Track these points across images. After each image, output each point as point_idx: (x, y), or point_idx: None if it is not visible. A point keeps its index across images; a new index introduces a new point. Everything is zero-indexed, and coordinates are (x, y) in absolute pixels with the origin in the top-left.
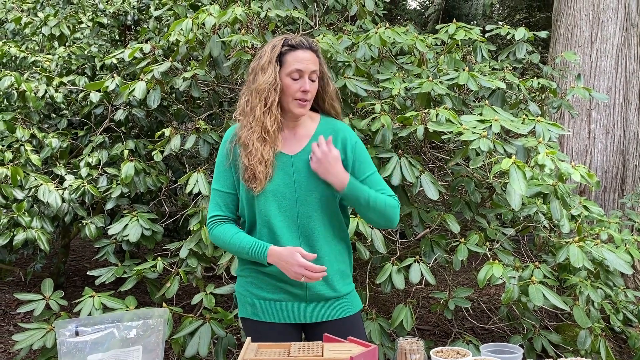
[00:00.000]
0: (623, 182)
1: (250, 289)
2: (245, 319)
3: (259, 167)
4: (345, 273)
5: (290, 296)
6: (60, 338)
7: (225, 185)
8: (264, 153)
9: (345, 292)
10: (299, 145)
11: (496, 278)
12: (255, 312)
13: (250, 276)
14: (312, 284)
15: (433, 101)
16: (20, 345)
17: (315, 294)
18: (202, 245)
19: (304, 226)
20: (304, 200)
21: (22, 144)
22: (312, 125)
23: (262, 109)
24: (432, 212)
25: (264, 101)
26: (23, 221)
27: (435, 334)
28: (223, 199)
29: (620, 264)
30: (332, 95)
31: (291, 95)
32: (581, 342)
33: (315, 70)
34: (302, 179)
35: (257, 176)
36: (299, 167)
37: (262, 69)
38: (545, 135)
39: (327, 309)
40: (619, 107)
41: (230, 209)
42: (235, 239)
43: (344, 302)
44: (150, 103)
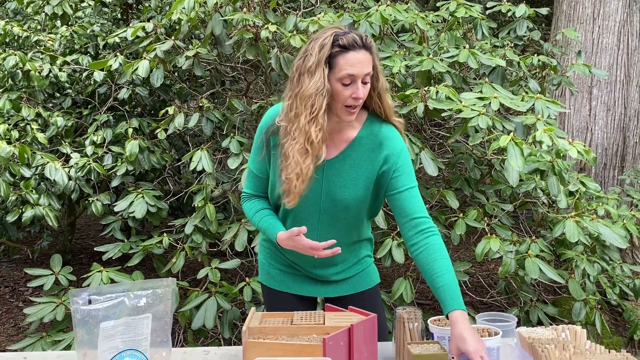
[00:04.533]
0: (623, 160)
1: (269, 259)
2: (263, 284)
3: (294, 182)
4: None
5: (303, 274)
6: (74, 306)
7: (258, 170)
8: (304, 167)
9: (357, 272)
10: (335, 149)
11: (493, 252)
12: (272, 280)
13: (269, 248)
14: (322, 273)
15: (433, 79)
16: (31, 318)
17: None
18: (207, 221)
19: (326, 232)
20: (328, 210)
21: (28, 122)
22: (355, 128)
23: (308, 118)
24: (432, 189)
25: (310, 109)
26: (31, 198)
27: (434, 308)
28: (254, 180)
29: (615, 238)
30: (381, 92)
31: (341, 102)
32: (576, 314)
33: (369, 72)
34: (330, 189)
35: (292, 191)
36: (329, 174)
37: (309, 71)
38: (544, 112)
39: (339, 286)
40: (620, 84)
41: (261, 190)
42: (256, 218)
43: (357, 279)
44: (153, 81)
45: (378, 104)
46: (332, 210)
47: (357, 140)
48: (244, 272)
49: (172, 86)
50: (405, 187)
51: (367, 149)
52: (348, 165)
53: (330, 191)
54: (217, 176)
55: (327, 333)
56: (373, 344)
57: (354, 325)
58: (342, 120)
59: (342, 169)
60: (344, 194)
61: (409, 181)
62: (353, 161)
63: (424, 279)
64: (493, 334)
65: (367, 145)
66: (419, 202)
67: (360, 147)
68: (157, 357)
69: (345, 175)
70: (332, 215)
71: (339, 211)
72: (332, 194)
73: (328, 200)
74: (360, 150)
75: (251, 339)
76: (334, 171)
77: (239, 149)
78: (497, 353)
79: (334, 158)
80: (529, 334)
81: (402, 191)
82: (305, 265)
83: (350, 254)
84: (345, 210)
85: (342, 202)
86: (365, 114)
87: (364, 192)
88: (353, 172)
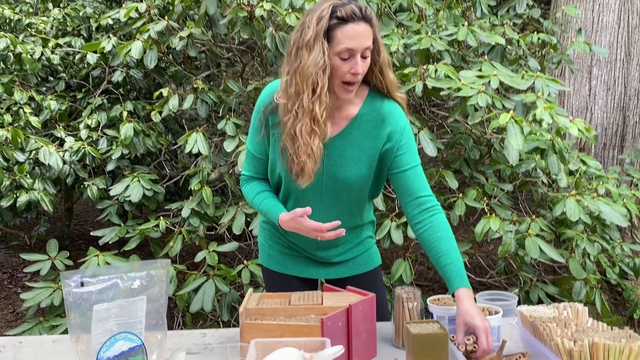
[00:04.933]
0: (623, 139)
1: (269, 241)
2: (263, 266)
3: (308, 163)
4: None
5: (304, 255)
6: (66, 289)
7: (257, 150)
8: (314, 147)
9: (358, 253)
10: (336, 127)
11: (493, 232)
12: (272, 262)
13: (269, 230)
14: (324, 255)
15: (432, 57)
16: (28, 303)
17: (328, 259)
18: (204, 204)
19: (327, 212)
20: (330, 189)
21: (21, 106)
22: (356, 105)
23: (311, 97)
24: (431, 169)
25: (312, 87)
26: (25, 183)
27: (433, 290)
28: (253, 162)
29: (615, 216)
30: (383, 66)
31: (339, 77)
32: (576, 293)
33: (369, 46)
34: (332, 169)
35: (306, 172)
36: (331, 154)
37: (307, 45)
38: (544, 90)
39: (340, 267)
40: (620, 63)
41: (261, 171)
42: (256, 200)
43: (358, 260)
44: (147, 63)
45: (380, 79)
46: (334, 190)
47: (358, 117)
48: (242, 255)
49: (167, 69)
50: (409, 165)
51: (369, 126)
52: (350, 144)
53: (332, 170)
54: (213, 159)
55: (325, 313)
56: (372, 324)
57: (352, 305)
58: (339, 98)
59: (343, 147)
60: (346, 172)
61: (413, 159)
62: (355, 139)
63: (428, 257)
64: (494, 313)
65: (369, 122)
66: (422, 181)
67: (362, 124)
68: (153, 340)
69: (347, 154)
70: (334, 195)
71: (341, 190)
72: (334, 173)
73: (330, 179)
74: (362, 127)
75: (248, 320)
76: (335, 150)
77: (235, 131)
78: (498, 332)
79: (335, 136)
80: (530, 313)
81: (407, 170)
82: (306, 247)
83: (352, 235)
84: (347, 189)
85: (344, 181)
86: (366, 89)
87: (367, 171)
88: (355, 151)
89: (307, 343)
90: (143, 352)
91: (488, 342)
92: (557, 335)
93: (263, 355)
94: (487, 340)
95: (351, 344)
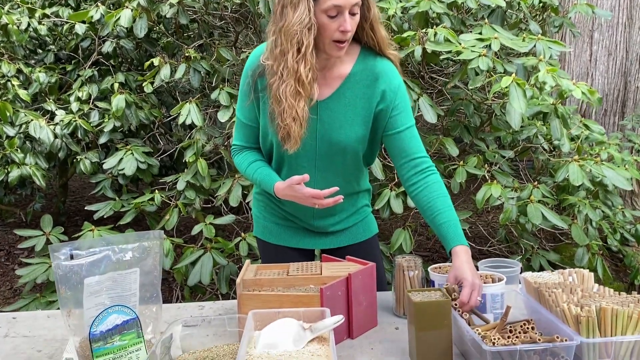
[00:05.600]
0: (624, 105)
1: (264, 213)
2: (259, 239)
3: (293, 127)
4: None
5: (299, 225)
6: (55, 262)
7: (247, 118)
8: (299, 110)
9: (355, 222)
10: (329, 89)
11: (494, 198)
12: (268, 234)
13: (263, 202)
14: (321, 223)
15: (431, 21)
16: (24, 280)
17: (322, 229)
18: (199, 177)
19: (323, 178)
20: (325, 154)
21: (9, 79)
22: (348, 63)
23: (295, 57)
24: (431, 137)
25: (297, 46)
26: (16, 158)
27: (433, 259)
28: (245, 130)
29: (619, 180)
30: (374, 22)
31: (328, 36)
32: (578, 260)
33: (357, 2)
34: (326, 132)
35: (292, 136)
36: (324, 116)
37: (292, 3)
38: (546, 53)
39: (337, 237)
40: (622, 27)
41: (252, 140)
42: (250, 170)
43: (353, 230)
44: (137, 32)
45: (371, 35)
46: (329, 155)
47: (351, 76)
48: (240, 228)
49: (159, 40)
50: (404, 126)
51: (362, 85)
52: (343, 105)
53: (326, 134)
54: (208, 131)
55: (325, 283)
56: (372, 293)
57: (351, 275)
58: (331, 57)
59: (337, 109)
60: (340, 135)
61: (408, 120)
62: (348, 100)
63: (424, 218)
64: (497, 281)
65: (362, 81)
66: (417, 142)
67: (355, 84)
68: (147, 313)
69: (340, 116)
70: (328, 160)
71: (336, 155)
72: (328, 136)
73: (324, 143)
74: (355, 87)
75: (246, 292)
76: (329, 112)
77: (229, 101)
78: (502, 299)
79: (328, 98)
80: (535, 279)
81: (402, 131)
82: (302, 217)
83: (349, 203)
84: (341, 153)
85: (338, 145)
86: (357, 47)
87: (362, 133)
88: (349, 112)
89: (306, 313)
90: (137, 326)
91: (471, 297)
92: (563, 302)
93: (261, 326)
94: (469, 294)
95: (351, 314)
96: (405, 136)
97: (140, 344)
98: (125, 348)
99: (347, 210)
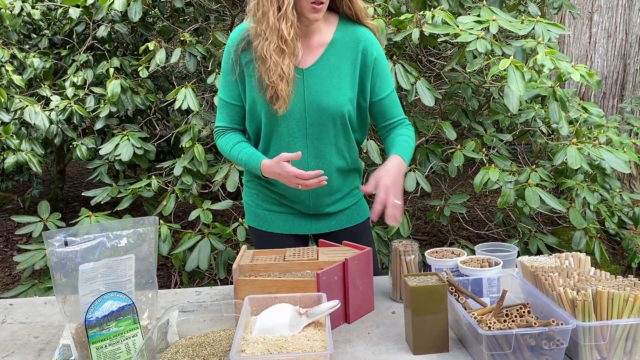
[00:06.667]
0: (623, 88)
1: (256, 200)
2: (252, 227)
3: (280, 85)
4: (352, 188)
5: (294, 210)
6: (49, 248)
7: (230, 97)
8: (284, 67)
9: (349, 204)
10: (313, 56)
11: (492, 182)
12: (260, 221)
13: (254, 188)
14: (316, 202)
15: (429, 4)
16: (22, 266)
17: (318, 210)
18: (196, 162)
19: (315, 149)
20: (315, 122)
21: (3, 64)
22: (328, 31)
23: (276, 14)
24: (428, 121)
25: (277, 4)
26: (12, 144)
27: (431, 244)
28: (228, 110)
29: (617, 163)
30: None
31: None
32: (576, 243)
33: None
34: (314, 98)
35: (280, 94)
36: (311, 83)
37: None
38: (544, 35)
39: (330, 220)
40: (622, 9)
41: (236, 120)
42: (234, 151)
43: (348, 213)
44: (131, 16)
45: (348, 5)
46: (320, 122)
47: (333, 43)
48: (237, 213)
49: (155, 24)
50: (385, 93)
51: (345, 49)
52: (328, 70)
53: (315, 100)
54: (204, 116)
55: (321, 268)
56: (369, 277)
57: (348, 260)
58: (311, 22)
59: (323, 74)
60: (329, 99)
61: (388, 86)
62: (333, 65)
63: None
64: (494, 264)
65: (345, 46)
66: (398, 106)
67: (338, 49)
68: (143, 299)
69: (327, 81)
70: (319, 128)
71: (327, 121)
72: (317, 102)
73: (313, 110)
74: (339, 52)
75: (242, 277)
76: (315, 78)
77: None
78: (498, 283)
79: (313, 65)
80: (532, 263)
81: (384, 98)
82: (296, 198)
83: (342, 182)
84: (332, 119)
85: (328, 110)
86: (336, 17)
87: (350, 94)
88: (335, 76)
89: (302, 298)
90: (133, 312)
91: (379, 192)
92: (560, 285)
93: (258, 311)
94: (380, 188)
95: (348, 299)
96: (387, 102)
97: (136, 330)
98: (121, 334)
99: (341, 190)
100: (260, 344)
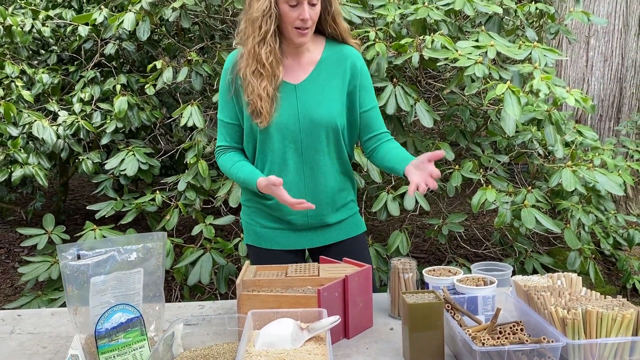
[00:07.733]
0: (619, 111)
1: (254, 218)
2: (250, 245)
3: (259, 102)
4: (347, 200)
5: (292, 225)
6: (62, 261)
7: (228, 116)
8: (261, 89)
9: (346, 216)
10: (304, 73)
11: (489, 203)
12: (259, 239)
13: (253, 207)
14: (314, 212)
15: (429, 28)
16: (26, 277)
17: (316, 222)
18: (200, 178)
19: (310, 158)
20: (309, 133)
21: (12, 80)
22: (317, 51)
23: (256, 40)
24: (427, 141)
25: (258, 31)
26: (20, 158)
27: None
28: (227, 129)
29: (611, 185)
30: (335, 15)
31: (290, 23)
32: (571, 263)
33: None
34: (307, 110)
35: (260, 111)
36: (303, 97)
37: None
38: (541, 60)
39: (328, 233)
40: (618, 34)
41: (235, 139)
42: (234, 169)
43: (344, 225)
44: (139, 35)
45: (333, 27)
46: (313, 133)
47: (322, 61)
48: (239, 229)
49: (161, 42)
50: (370, 105)
51: (334, 66)
52: (319, 85)
53: (307, 113)
54: (208, 132)
55: (322, 284)
56: (368, 294)
57: (348, 276)
58: (295, 44)
59: (314, 89)
60: (321, 111)
61: (372, 100)
62: (323, 80)
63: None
64: (489, 283)
65: (333, 63)
66: (380, 120)
67: (328, 66)
68: (151, 312)
69: (318, 95)
70: (313, 138)
71: (320, 132)
72: (310, 114)
73: (306, 122)
74: (328, 69)
75: (245, 292)
76: (308, 93)
77: None
78: (493, 301)
79: (305, 81)
80: (525, 282)
81: (369, 110)
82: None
83: (337, 193)
84: (324, 129)
85: (320, 121)
86: (323, 38)
87: (339, 107)
88: (325, 91)
89: (304, 313)
90: (141, 324)
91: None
92: (551, 304)
93: (260, 325)
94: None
95: (347, 314)
96: (372, 115)
97: (143, 342)
98: (129, 345)
99: (337, 201)
100: (263, 357)
